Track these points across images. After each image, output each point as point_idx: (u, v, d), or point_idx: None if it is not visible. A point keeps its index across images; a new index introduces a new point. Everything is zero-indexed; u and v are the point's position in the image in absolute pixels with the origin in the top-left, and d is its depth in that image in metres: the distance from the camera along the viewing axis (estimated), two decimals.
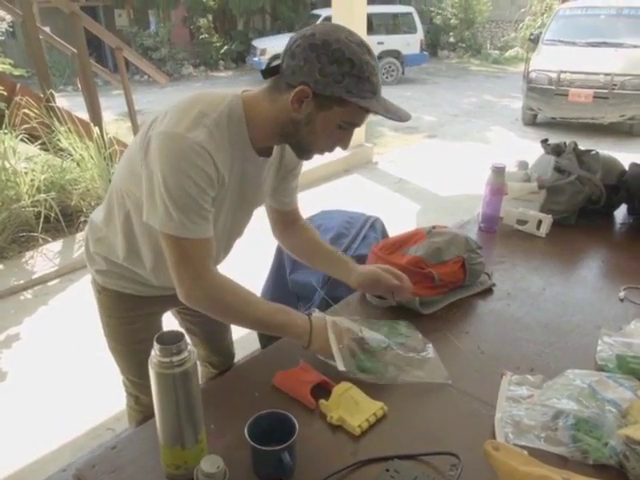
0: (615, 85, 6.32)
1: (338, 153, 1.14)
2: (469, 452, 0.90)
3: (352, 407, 0.97)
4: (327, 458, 0.91)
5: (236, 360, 1.70)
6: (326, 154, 1.12)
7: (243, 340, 1.80)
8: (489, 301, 1.43)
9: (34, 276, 3.26)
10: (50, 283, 3.27)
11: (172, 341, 0.76)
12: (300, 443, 0.87)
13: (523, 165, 2.10)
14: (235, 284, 1.09)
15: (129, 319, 1.33)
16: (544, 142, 2.11)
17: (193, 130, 0.97)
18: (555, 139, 2.11)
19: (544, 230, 1.81)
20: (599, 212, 1.93)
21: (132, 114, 4.56)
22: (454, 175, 5.28)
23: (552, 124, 7.27)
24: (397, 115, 1.02)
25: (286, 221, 1.37)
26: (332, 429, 0.96)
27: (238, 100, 1.04)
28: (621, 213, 1.99)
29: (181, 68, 12.46)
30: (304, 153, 1.11)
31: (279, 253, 1.74)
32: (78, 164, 3.96)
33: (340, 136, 1.06)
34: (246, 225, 1.27)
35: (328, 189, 4.85)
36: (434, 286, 1.33)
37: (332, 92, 0.96)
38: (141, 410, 1.45)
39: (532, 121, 7.40)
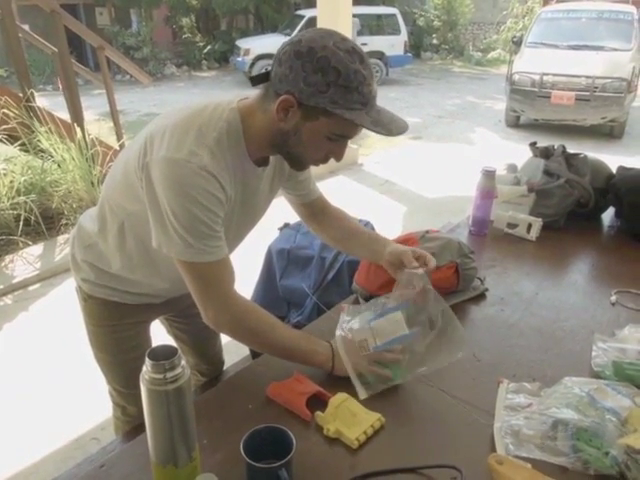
0: (596, 88, 6.41)
1: None
2: (470, 464, 0.88)
3: (349, 419, 0.95)
4: (325, 473, 0.88)
5: (225, 367, 1.67)
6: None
7: (232, 345, 1.76)
8: (482, 306, 1.41)
9: (14, 280, 3.18)
10: (31, 288, 3.19)
11: (165, 356, 0.73)
12: (297, 457, 0.83)
13: (512, 168, 2.10)
14: (259, 308, 1.08)
15: (116, 328, 1.29)
16: (532, 145, 2.11)
17: (196, 153, 0.94)
18: (538, 141, 2.11)
19: (534, 234, 1.81)
20: (587, 215, 1.94)
21: (114, 114, 4.49)
22: (439, 176, 5.30)
23: (535, 126, 7.35)
24: (387, 129, 0.95)
25: (314, 212, 1.33)
26: (329, 442, 0.94)
27: (235, 114, 1.00)
28: (608, 216, 2.00)
29: (163, 68, 12.33)
30: (296, 164, 1.07)
31: (268, 258, 1.71)
32: (59, 165, 3.88)
33: (331, 148, 1.01)
34: (248, 234, 1.24)
35: None
36: None
37: (316, 102, 0.91)
38: (128, 421, 1.41)
39: (515, 123, 7.47)
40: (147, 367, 0.73)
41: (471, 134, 7.18)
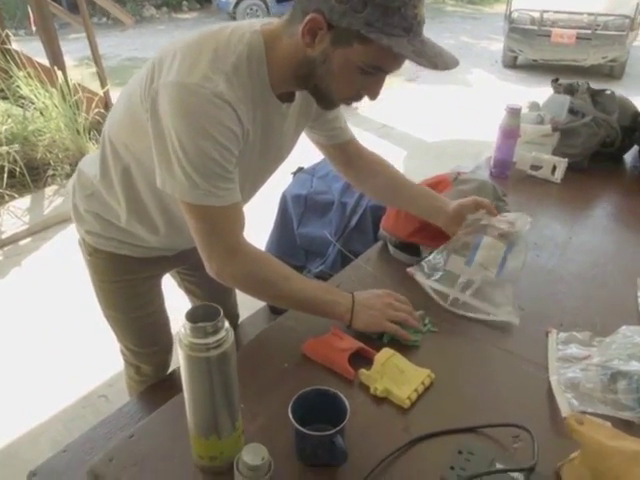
0: (598, 25, 6.17)
1: None
2: (530, 420, 0.82)
3: (397, 376, 0.87)
4: (377, 435, 0.81)
5: (240, 320, 1.59)
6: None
7: (246, 298, 1.68)
8: None
9: (3, 235, 3.04)
10: (21, 242, 3.06)
11: (206, 318, 0.63)
12: None
13: (535, 106, 1.98)
14: (270, 257, 0.97)
15: (126, 283, 1.19)
16: (555, 81, 1.99)
17: (210, 78, 0.80)
18: (536, 81, 2.00)
19: (559, 175, 1.71)
20: (609, 156, 1.85)
21: (97, 58, 4.21)
22: (437, 119, 5.14)
23: (533, 66, 7.12)
24: (431, 62, 0.80)
25: (350, 157, 1.20)
26: (376, 402, 0.86)
27: (258, 37, 0.86)
28: (630, 156, 1.91)
29: (142, 10, 11.65)
30: (324, 100, 0.92)
31: (283, 205, 1.60)
32: (42, 113, 3.66)
33: (365, 82, 0.86)
34: (267, 180, 1.12)
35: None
36: None
37: (349, 24, 0.77)
38: (143, 380, 1.35)
39: (512, 63, 7.23)
40: (186, 330, 0.63)
41: (467, 75, 6.94)
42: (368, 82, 0.86)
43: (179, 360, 0.66)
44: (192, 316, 0.63)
